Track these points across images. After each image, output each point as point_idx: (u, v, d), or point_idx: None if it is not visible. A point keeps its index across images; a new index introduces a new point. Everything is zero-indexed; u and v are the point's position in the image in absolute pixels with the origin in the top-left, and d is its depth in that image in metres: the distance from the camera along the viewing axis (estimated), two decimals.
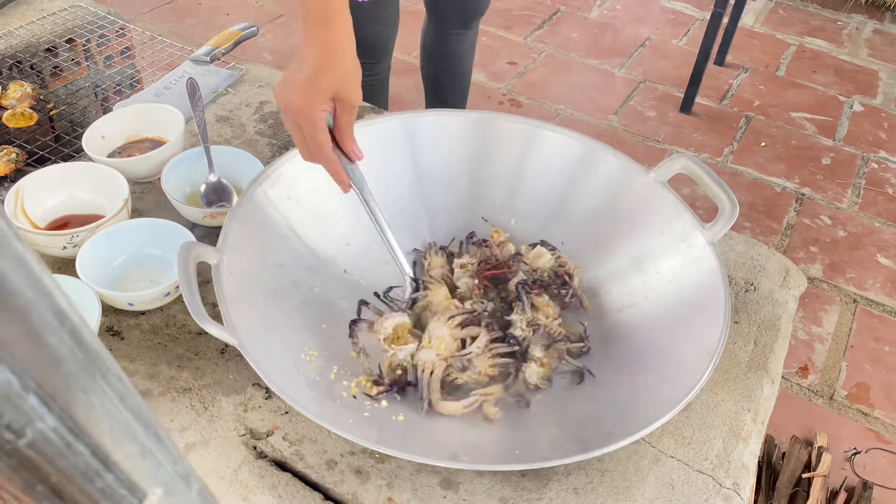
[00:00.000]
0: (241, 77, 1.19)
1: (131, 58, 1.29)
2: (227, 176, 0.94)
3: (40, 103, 1.09)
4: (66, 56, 1.21)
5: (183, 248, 0.68)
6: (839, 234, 1.99)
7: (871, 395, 1.59)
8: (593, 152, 0.89)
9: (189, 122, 1.04)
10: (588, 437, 0.68)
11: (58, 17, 1.27)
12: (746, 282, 0.92)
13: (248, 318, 0.70)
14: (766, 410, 0.79)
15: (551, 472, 0.70)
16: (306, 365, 0.73)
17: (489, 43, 2.62)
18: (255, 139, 1.07)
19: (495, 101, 2.35)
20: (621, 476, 0.70)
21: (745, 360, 0.83)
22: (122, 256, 0.83)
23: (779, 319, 0.88)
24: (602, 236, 0.87)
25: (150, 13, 2.59)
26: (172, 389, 0.74)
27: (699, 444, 0.74)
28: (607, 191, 0.88)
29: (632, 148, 2.21)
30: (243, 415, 0.73)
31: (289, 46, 2.50)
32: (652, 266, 0.82)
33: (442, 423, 0.72)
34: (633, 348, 0.77)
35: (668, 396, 0.67)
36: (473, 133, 0.92)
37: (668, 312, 0.78)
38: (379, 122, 0.90)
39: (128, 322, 0.80)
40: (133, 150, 0.99)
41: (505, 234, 0.89)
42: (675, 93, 2.45)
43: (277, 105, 0.71)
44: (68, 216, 0.89)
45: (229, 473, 0.68)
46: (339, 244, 0.86)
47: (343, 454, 0.70)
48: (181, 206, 0.88)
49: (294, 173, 0.84)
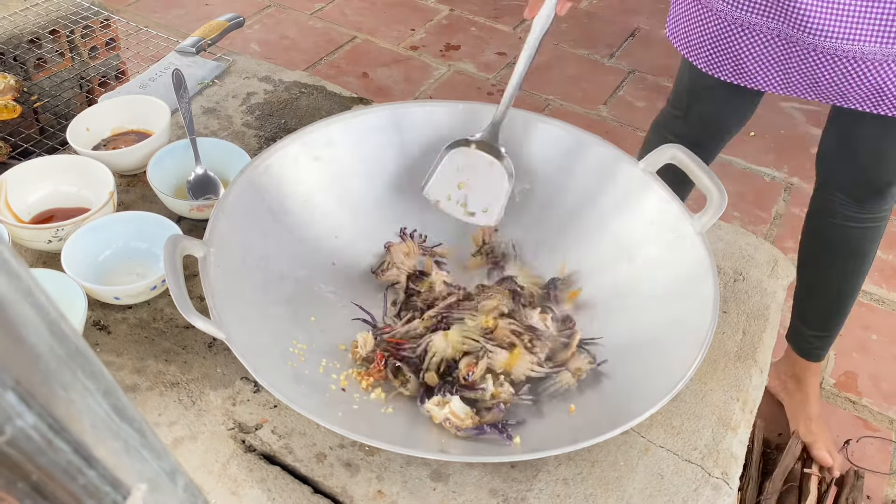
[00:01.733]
0: (227, 68, 1.18)
1: (116, 49, 1.28)
2: (213, 168, 0.94)
3: (24, 95, 1.08)
4: (50, 47, 1.19)
5: (169, 242, 0.68)
6: None
7: (858, 383, 1.60)
8: (583, 143, 0.89)
9: (175, 114, 1.03)
10: (577, 427, 0.68)
11: (41, 8, 1.25)
12: (735, 271, 0.92)
13: (236, 311, 0.69)
14: (754, 400, 0.79)
15: (541, 463, 0.70)
16: (295, 358, 0.73)
17: (478, 33, 2.62)
18: (241, 131, 1.06)
19: (484, 92, 2.35)
20: (611, 466, 0.70)
21: (734, 349, 0.83)
22: (108, 250, 0.83)
23: (767, 309, 0.88)
24: (591, 226, 0.87)
25: (135, 4, 2.56)
26: (160, 384, 0.74)
27: (688, 434, 0.74)
28: (597, 181, 0.88)
29: (621, 138, 2.21)
30: (231, 409, 0.72)
31: (276, 37, 2.48)
32: (640, 256, 0.82)
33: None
34: (621, 339, 0.78)
35: (658, 386, 0.67)
36: (462, 124, 0.91)
37: (656, 302, 0.78)
38: (367, 114, 0.89)
39: (114, 316, 0.80)
40: (118, 143, 0.98)
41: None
42: (664, 83, 2.44)
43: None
44: (53, 209, 0.88)
45: (218, 467, 0.68)
46: (328, 236, 0.86)
47: (332, 447, 0.70)
48: (167, 198, 0.87)
49: (281, 166, 0.84)
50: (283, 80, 1.17)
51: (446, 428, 0.69)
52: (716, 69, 1.13)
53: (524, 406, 0.73)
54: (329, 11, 2.66)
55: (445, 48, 2.53)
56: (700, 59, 1.14)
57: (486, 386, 0.72)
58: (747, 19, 1.02)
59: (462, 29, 2.63)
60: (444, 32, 2.61)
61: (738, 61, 1.09)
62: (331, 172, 0.87)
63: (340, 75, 2.35)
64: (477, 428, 0.68)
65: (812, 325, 1.37)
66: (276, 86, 1.16)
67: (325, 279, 0.83)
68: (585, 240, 0.86)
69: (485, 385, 0.72)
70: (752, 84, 1.11)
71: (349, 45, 2.49)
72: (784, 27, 0.99)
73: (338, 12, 2.65)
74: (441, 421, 0.69)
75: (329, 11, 2.66)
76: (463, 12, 2.72)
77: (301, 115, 1.10)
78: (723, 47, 1.09)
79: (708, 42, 1.11)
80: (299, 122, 1.08)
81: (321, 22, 2.59)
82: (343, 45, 2.49)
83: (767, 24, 1.01)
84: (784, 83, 1.07)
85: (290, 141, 0.85)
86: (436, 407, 0.69)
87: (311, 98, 1.14)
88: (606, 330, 0.79)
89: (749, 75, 1.10)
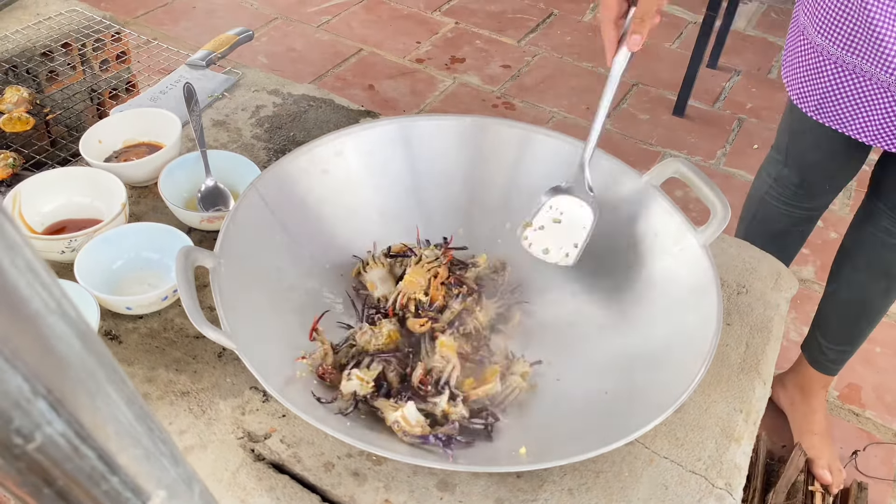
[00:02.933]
0: (237, 81, 1.20)
1: (127, 62, 1.29)
2: (223, 180, 0.95)
3: (37, 108, 1.10)
4: (62, 60, 1.21)
5: (181, 253, 0.69)
6: (831, 235, 2.00)
7: (862, 395, 1.61)
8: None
9: (186, 126, 1.05)
10: (583, 438, 0.69)
11: (53, 22, 1.27)
12: (738, 284, 0.93)
13: (246, 321, 0.70)
14: (758, 411, 0.80)
15: (546, 474, 0.71)
16: (303, 367, 0.74)
17: (483, 46, 2.64)
18: (251, 143, 1.08)
19: (489, 104, 2.37)
20: (616, 477, 0.71)
21: (738, 361, 0.84)
22: (120, 260, 0.84)
23: (770, 321, 0.89)
24: (596, 239, 0.88)
25: (144, 16, 2.59)
26: (170, 393, 0.75)
27: (692, 445, 0.74)
28: (601, 194, 0.89)
29: (625, 150, 2.22)
30: (241, 418, 0.73)
31: (283, 49, 2.51)
32: (644, 268, 0.83)
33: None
34: (625, 351, 0.78)
35: (662, 398, 0.68)
36: (468, 137, 0.93)
37: (661, 315, 0.79)
38: (375, 127, 0.91)
39: (125, 326, 0.81)
40: (130, 155, 0.99)
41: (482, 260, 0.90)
42: (668, 96, 2.46)
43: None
44: (66, 220, 0.89)
45: (228, 476, 0.68)
46: (336, 248, 0.87)
47: (340, 456, 0.71)
48: (178, 210, 0.89)
49: (291, 178, 0.85)
50: (291, 94, 1.18)
51: (395, 431, 0.69)
52: (817, 113, 1.12)
53: (477, 430, 0.72)
54: (335, 24, 2.68)
55: (451, 61, 2.55)
56: (805, 102, 1.13)
57: (438, 401, 0.72)
58: (859, 65, 1.01)
59: (467, 42, 2.66)
60: (450, 45, 2.63)
61: (840, 107, 1.08)
62: (339, 185, 0.88)
63: (347, 87, 2.37)
64: (422, 437, 0.69)
65: (833, 339, 1.37)
66: (284, 99, 1.17)
67: (334, 290, 0.84)
68: (588, 253, 0.87)
69: (437, 400, 0.72)
70: (850, 132, 1.10)
71: (355, 58, 2.52)
72: (876, 70, 0.99)
73: (344, 25, 2.68)
74: (391, 423, 0.69)
75: (335, 24, 2.68)
76: (468, 25, 2.74)
77: (309, 128, 1.11)
78: (830, 92, 1.08)
79: (816, 86, 1.10)
80: (308, 134, 1.10)
81: (328, 34, 2.62)
82: (349, 57, 2.52)
83: (876, 73, 1.00)
84: (885, 136, 1.06)
85: (299, 153, 0.86)
86: (390, 407, 0.70)
87: (320, 111, 1.15)
88: (610, 341, 0.80)
89: (848, 123, 1.09)
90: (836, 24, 1.02)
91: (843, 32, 1.01)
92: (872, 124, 1.07)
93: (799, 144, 1.25)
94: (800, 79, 1.13)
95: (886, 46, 0.96)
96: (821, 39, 1.05)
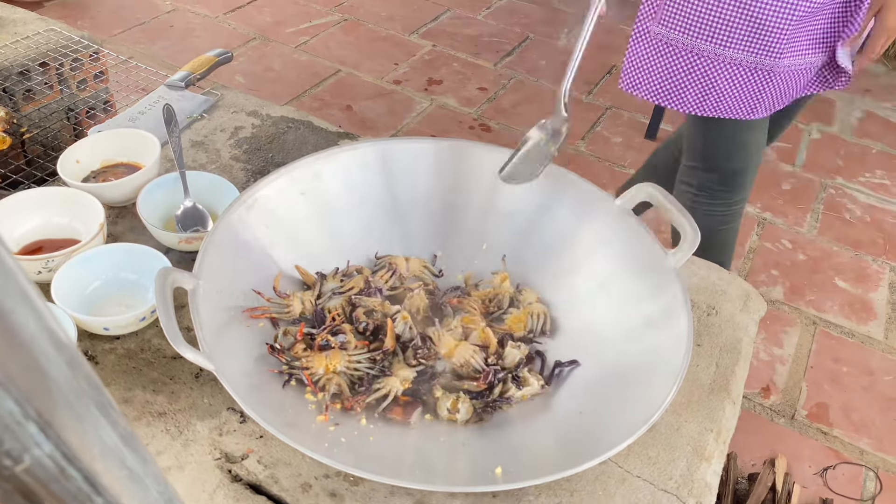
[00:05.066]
0: (216, 102, 1.20)
1: (105, 82, 1.29)
2: (202, 201, 0.95)
3: (13, 127, 1.09)
4: (39, 80, 1.21)
5: (160, 274, 0.69)
6: (799, 257, 2.05)
7: (829, 414, 1.64)
8: (561, 179, 0.92)
9: (164, 147, 1.05)
10: (557, 457, 0.70)
11: (31, 41, 1.27)
12: (708, 306, 0.95)
13: (224, 342, 0.71)
14: (728, 431, 0.82)
15: (522, 493, 0.72)
16: (281, 389, 0.74)
17: (459, 69, 2.67)
18: (229, 164, 1.09)
19: (466, 126, 2.39)
20: (590, 496, 0.72)
21: (708, 381, 0.85)
22: (98, 281, 0.84)
23: (740, 342, 0.91)
24: (569, 262, 0.90)
25: (121, 34, 2.58)
26: (147, 414, 0.75)
27: (664, 464, 0.76)
28: (574, 217, 0.91)
29: (598, 173, 2.26)
30: (218, 439, 0.73)
31: (261, 69, 2.52)
32: (616, 290, 0.85)
33: (415, 446, 0.73)
34: (599, 371, 0.80)
35: (634, 418, 0.69)
36: (446, 160, 0.94)
37: (632, 336, 0.81)
38: (354, 149, 0.92)
39: (102, 347, 0.81)
40: (108, 175, 0.99)
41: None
42: (640, 119, 2.51)
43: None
44: (43, 241, 0.89)
45: (205, 497, 0.68)
46: (315, 269, 0.88)
47: (318, 477, 0.71)
48: (157, 230, 0.89)
49: (269, 199, 0.86)
50: (270, 115, 1.19)
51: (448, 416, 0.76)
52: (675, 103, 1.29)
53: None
54: (313, 45, 2.70)
55: (428, 83, 2.58)
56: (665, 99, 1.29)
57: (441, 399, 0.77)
58: (729, 55, 1.16)
59: (444, 64, 2.69)
60: (427, 67, 2.66)
61: (716, 94, 1.23)
62: (317, 206, 0.89)
63: (324, 108, 2.39)
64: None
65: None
66: (263, 120, 1.18)
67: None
68: (562, 275, 0.89)
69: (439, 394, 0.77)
70: (730, 115, 1.26)
71: (333, 79, 2.53)
72: (759, 58, 1.15)
73: (322, 46, 2.70)
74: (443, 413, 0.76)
75: (313, 45, 2.70)
76: (445, 48, 2.78)
77: (288, 150, 1.12)
78: (705, 84, 1.23)
79: (689, 82, 1.24)
80: (286, 156, 1.11)
81: (305, 55, 2.64)
82: (327, 78, 2.53)
83: (746, 59, 1.16)
84: (750, 108, 1.23)
85: (278, 175, 0.87)
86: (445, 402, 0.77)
87: (298, 132, 1.16)
88: (583, 362, 0.82)
89: (730, 107, 1.24)
90: (708, 21, 1.17)
91: (721, 28, 1.16)
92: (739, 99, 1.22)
93: (714, 146, 1.37)
94: (654, 80, 1.29)
95: (768, 33, 1.12)
96: (689, 39, 1.18)
